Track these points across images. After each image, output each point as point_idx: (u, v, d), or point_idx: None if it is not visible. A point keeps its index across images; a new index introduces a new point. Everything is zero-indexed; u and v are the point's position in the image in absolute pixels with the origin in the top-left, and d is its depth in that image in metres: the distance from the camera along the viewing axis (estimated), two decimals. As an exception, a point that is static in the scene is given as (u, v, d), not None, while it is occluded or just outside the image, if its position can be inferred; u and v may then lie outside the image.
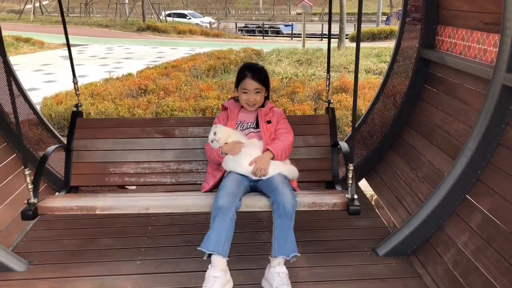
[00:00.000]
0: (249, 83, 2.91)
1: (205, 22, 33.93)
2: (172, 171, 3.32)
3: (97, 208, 2.72)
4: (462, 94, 3.13)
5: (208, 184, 2.97)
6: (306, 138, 3.37)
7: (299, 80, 10.08)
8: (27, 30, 24.59)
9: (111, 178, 3.31)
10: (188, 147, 3.36)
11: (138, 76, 10.98)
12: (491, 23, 2.84)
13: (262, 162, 2.77)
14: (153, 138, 3.38)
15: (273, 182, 2.71)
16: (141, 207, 2.74)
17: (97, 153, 3.34)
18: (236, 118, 2.98)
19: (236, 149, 2.82)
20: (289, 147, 2.93)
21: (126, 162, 3.32)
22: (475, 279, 2.41)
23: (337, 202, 2.71)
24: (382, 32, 23.63)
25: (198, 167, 3.33)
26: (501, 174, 2.51)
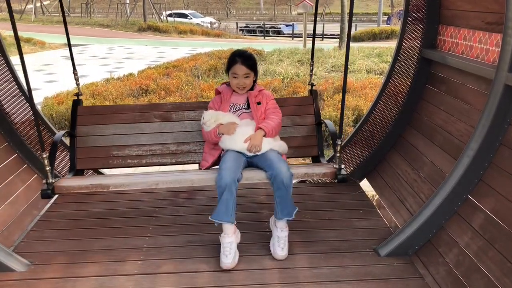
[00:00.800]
0: (239, 68, 3.15)
1: (206, 22, 33.95)
2: (171, 152, 3.55)
3: (110, 185, 2.92)
4: (464, 94, 3.12)
5: (207, 162, 3.25)
6: (293, 118, 3.67)
7: (300, 80, 10.07)
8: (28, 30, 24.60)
9: (114, 160, 3.50)
10: (186, 129, 3.58)
11: (139, 76, 10.98)
12: (493, 22, 2.83)
13: (256, 139, 3.05)
14: (152, 122, 3.58)
15: (268, 157, 3.00)
16: (152, 183, 2.96)
17: (99, 137, 3.52)
18: (229, 101, 3.24)
19: (232, 129, 3.10)
20: (279, 125, 3.21)
21: (127, 145, 3.52)
22: (478, 280, 2.40)
23: (327, 171, 3.05)
24: (383, 32, 23.62)
25: (195, 148, 3.56)
26: (504, 174, 2.50)
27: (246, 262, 2.93)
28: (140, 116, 3.59)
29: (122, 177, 3.05)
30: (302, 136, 3.65)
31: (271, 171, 2.90)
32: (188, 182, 2.98)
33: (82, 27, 29.49)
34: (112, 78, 10.97)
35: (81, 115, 3.56)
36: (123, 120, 3.57)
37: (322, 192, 3.93)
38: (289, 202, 2.91)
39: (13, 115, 3.72)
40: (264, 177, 2.95)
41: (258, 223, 3.43)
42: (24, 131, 3.80)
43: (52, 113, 7.40)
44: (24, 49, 18.91)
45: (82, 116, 3.55)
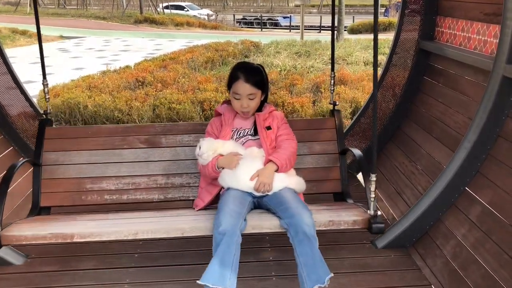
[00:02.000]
0: (241, 87, 2.57)
1: (203, 14, 33.76)
2: (159, 186, 2.96)
3: (75, 235, 2.39)
4: (462, 86, 3.11)
5: (203, 201, 2.65)
6: (311, 144, 3.06)
7: (297, 72, 10.04)
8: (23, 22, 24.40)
9: (88, 196, 2.92)
10: (178, 158, 3.00)
11: (135, 68, 10.91)
12: (491, 13, 2.82)
13: (265, 175, 2.47)
14: (136, 148, 3.01)
15: (283, 199, 2.40)
16: (128, 232, 2.40)
17: (70, 167, 2.94)
18: (231, 124, 2.67)
19: (234, 162, 2.51)
20: (294, 155, 2.63)
21: (105, 177, 2.94)
22: (475, 272, 2.41)
23: (357, 219, 2.45)
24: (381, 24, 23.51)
25: (189, 181, 2.97)
26: (501, 166, 2.50)
27: (243, 255, 2.92)
28: (122, 140, 3.01)
29: (91, 223, 2.52)
30: (322, 168, 3.04)
31: (289, 219, 2.28)
32: (178, 232, 2.42)
33: (78, 19, 29.29)
34: (108, 70, 10.90)
35: (50, 138, 2.98)
36: (101, 146, 2.99)
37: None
38: (318, 261, 2.20)
39: (8, 107, 3.70)
40: (278, 225, 2.36)
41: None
42: (20, 124, 3.78)
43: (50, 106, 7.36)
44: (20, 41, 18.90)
45: (51, 140, 2.97)
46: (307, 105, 7.06)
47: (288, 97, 7.46)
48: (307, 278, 2.19)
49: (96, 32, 24.16)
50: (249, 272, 2.71)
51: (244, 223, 2.32)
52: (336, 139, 3.08)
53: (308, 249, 2.22)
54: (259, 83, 2.61)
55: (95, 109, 7.09)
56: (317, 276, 2.18)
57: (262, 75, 2.65)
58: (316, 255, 2.22)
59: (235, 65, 2.72)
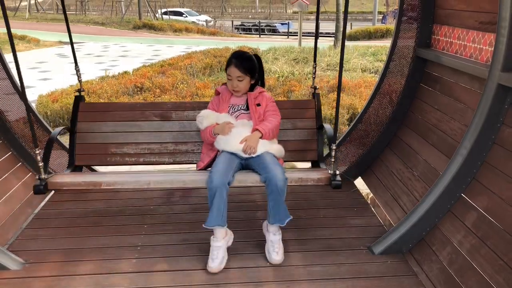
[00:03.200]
0: (232, 70, 3.11)
1: (201, 20, 33.87)
2: (169, 151, 3.58)
3: (102, 183, 2.95)
4: (458, 93, 3.14)
5: (203, 162, 3.22)
6: (294, 121, 3.63)
7: (295, 79, 10.07)
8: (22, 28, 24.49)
9: (112, 158, 3.56)
10: (184, 129, 3.61)
11: (134, 74, 10.94)
12: (486, 22, 2.85)
13: (252, 140, 3.00)
14: (151, 121, 3.62)
15: (264, 160, 2.94)
16: (143, 182, 2.97)
17: (99, 135, 3.57)
18: (228, 101, 3.21)
19: (226, 129, 3.05)
20: (277, 127, 3.15)
21: (126, 143, 3.57)
22: (471, 277, 2.42)
23: (321, 177, 2.99)
24: (378, 31, 23.65)
25: (194, 148, 3.59)
26: (497, 173, 2.53)
27: (240, 260, 2.94)
28: (141, 114, 3.63)
29: (116, 175, 3.11)
30: (302, 140, 3.62)
31: (266, 174, 2.85)
32: (180, 183, 2.98)
33: (77, 24, 29.34)
34: (107, 76, 10.93)
35: (82, 111, 3.61)
36: (123, 118, 3.61)
37: (316, 190, 3.93)
38: (282, 208, 2.86)
39: (7, 113, 3.71)
40: (258, 180, 2.91)
41: (253, 222, 3.44)
42: (19, 129, 3.79)
43: (46, 111, 7.37)
44: (18, 46, 18.91)
45: (83, 113, 3.61)
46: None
47: (286, 103, 7.47)
48: (272, 217, 2.88)
49: (94, 37, 24.21)
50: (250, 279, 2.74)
51: (232, 178, 2.87)
52: (315, 117, 3.65)
53: (278, 197, 2.82)
54: (248, 69, 3.13)
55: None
56: (280, 217, 2.87)
57: (251, 63, 3.17)
58: (282, 203, 2.84)
59: (233, 52, 3.23)
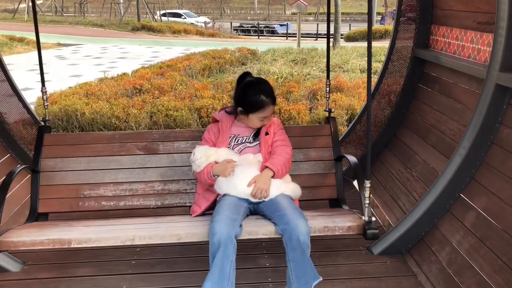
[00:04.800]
0: (269, 110, 2.66)
1: (200, 22, 33.89)
2: (156, 192, 2.99)
3: (72, 241, 2.41)
4: (457, 94, 3.15)
5: (200, 207, 2.69)
6: (306, 151, 3.09)
7: (294, 80, 10.08)
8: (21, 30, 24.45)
9: (86, 202, 2.94)
10: (175, 164, 3.03)
11: (133, 75, 10.93)
12: (484, 22, 2.86)
13: (263, 181, 2.51)
14: (134, 155, 3.04)
15: (279, 205, 2.44)
16: (125, 238, 2.42)
17: (69, 174, 2.97)
18: (229, 131, 2.71)
19: (228, 169, 2.55)
20: (289, 161, 2.67)
21: (103, 183, 2.97)
22: (469, 278, 2.42)
23: (352, 225, 2.47)
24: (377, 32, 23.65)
25: (186, 187, 3.01)
26: (495, 173, 2.53)
27: (239, 261, 2.93)
28: (120, 146, 3.05)
29: (89, 229, 2.54)
30: (317, 174, 3.06)
31: (284, 225, 2.31)
32: (173, 238, 2.44)
33: (76, 26, 29.34)
34: (106, 77, 10.92)
35: (48, 145, 3.02)
36: (99, 152, 3.02)
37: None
38: (308, 267, 2.28)
39: (6, 115, 3.71)
40: (273, 231, 2.39)
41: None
42: (17, 131, 3.79)
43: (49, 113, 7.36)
44: (17, 48, 18.91)
45: (49, 147, 3.01)
46: (304, 112, 7.09)
47: (285, 104, 7.49)
48: (295, 281, 2.27)
49: (93, 39, 24.20)
50: (246, 279, 2.73)
51: (240, 229, 2.34)
52: (332, 146, 3.11)
53: (300, 256, 2.28)
54: (275, 98, 2.70)
55: (92, 116, 7.10)
56: (305, 280, 2.26)
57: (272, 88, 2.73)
58: (307, 261, 2.29)
59: (253, 86, 2.67)
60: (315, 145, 3.13)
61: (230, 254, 2.24)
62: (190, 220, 2.64)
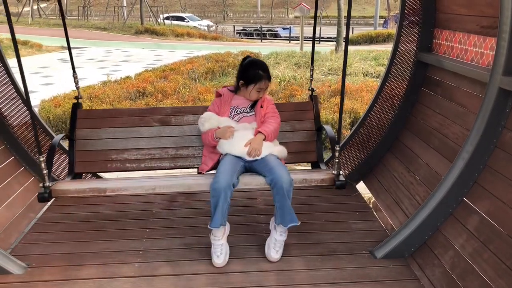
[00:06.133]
0: (265, 84, 3.22)
1: (203, 25, 33.98)
2: (170, 156, 3.57)
3: (107, 189, 2.94)
4: (460, 97, 3.15)
5: (207, 165, 3.25)
6: (292, 123, 3.68)
7: (297, 83, 10.10)
8: (25, 33, 24.59)
9: (113, 164, 3.54)
10: (185, 134, 3.61)
11: (136, 79, 10.98)
12: (487, 26, 2.86)
13: (256, 143, 3.05)
14: (151, 126, 3.62)
15: (268, 162, 2.98)
16: (148, 187, 2.97)
17: (99, 141, 3.55)
18: (229, 103, 3.26)
19: (228, 133, 3.09)
20: (277, 129, 3.24)
21: (126, 149, 3.55)
22: (473, 281, 2.42)
23: (325, 177, 3.04)
24: (380, 35, 23.72)
25: (194, 152, 3.60)
26: (498, 176, 2.53)
27: (243, 264, 2.94)
28: (140, 120, 3.62)
29: (120, 181, 3.08)
30: (301, 142, 3.66)
31: (271, 176, 2.89)
32: (185, 187, 3.00)
33: (79, 30, 29.46)
34: (109, 81, 10.97)
35: (80, 118, 3.59)
36: (122, 124, 3.60)
37: (318, 195, 3.94)
38: (288, 209, 2.88)
39: (10, 118, 3.73)
40: (263, 182, 2.94)
41: (255, 226, 3.44)
42: (21, 133, 3.81)
43: (49, 116, 7.40)
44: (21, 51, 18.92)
45: (81, 120, 3.59)
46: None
47: (288, 107, 7.48)
48: (280, 218, 2.90)
49: (97, 42, 24.31)
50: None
51: (237, 181, 2.91)
52: (313, 119, 3.70)
53: (284, 199, 2.85)
54: (270, 76, 3.29)
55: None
56: (284, 219, 2.89)
57: None
58: (288, 206, 2.86)
59: (253, 64, 3.26)
60: (300, 118, 3.72)
61: (228, 197, 2.82)
62: (199, 175, 3.27)
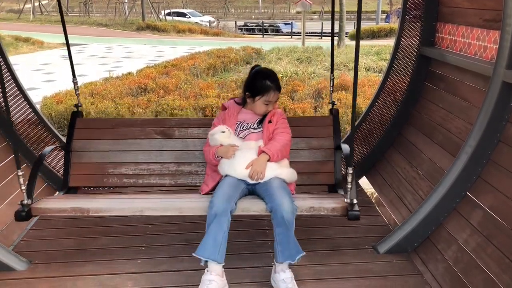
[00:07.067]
0: (274, 96, 2.90)
1: (204, 21, 33.90)
2: (171, 172, 3.29)
3: (90, 210, 2.69)
4: (463, 91, 3.13)
5: (207, 186, 2.94)
6: (308, 140, 3.29)
7: (299, 78, 10.07)
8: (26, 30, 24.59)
9: (110, 179, 3.28)
10: (188, 148, 3.32)
11: (138, 75, 10.97)
12: (491, 19, 2.84)
13: (258, 165, 2.74)
14: (152, 139, 3.35)
15: (270, 186, 2.67)
16: (135, 209, 2.70)
17: (96, 153, 3.31)
18: (235, 118, 2.96)
19: (230, 152, 2.79)
20: (285, 147, 2.87)
21: (125, 163, 3.30)
22: (476, 276, 2.41)
23: (336, 206, 2.64)
24: (382, 30, 23.61)
25: (197, 169, 3.29)
26: (502, 171, 2.51)
27: (245, 260, 2.94)
28: (141, 131, 3.38)
29: (105, 201, 2.86)
30: (318, 161, 3.27)
31: (271, 203, 2.55)
32: (176, 210, 2.70)
33: (81, 26, 29.45)
34: (111, 77, 10.96)
35: (79, 128, 3.38)
36: (122, 136, 3.36)
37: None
38: (291, 242, 2.53)
39: (12, 115, 3.71)
40: (263, 209, 2.62)
41: (258, 221, 3.41)
42: (23, 130, 3.80)
43: (51, 113, 7.40)
44: (23, 48, 19.00)
45: (80, 130, 3.38)
46: (309, 111, 7.09)
47: (290, 103, 7.49)
48: (280, 254, 2.54)
49: (98, 39, 24.28)
50: (253, 278, 2.74)
51: (235, 206, 2.58)
52: (333, 136, 3.30)
53: (284, 231, 2.51)
54: (280, 87, 2.97)
55: (97, 115, 7.12)
56: (289, 253, 2.52)
57: None
58: (291, 237, 2.53)
59: (260, 74, 2.94)
60: (317, 134, 3.33)
61: (223, 225, 2.48)
62: (197, 197, 2.87)
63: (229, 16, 44.85)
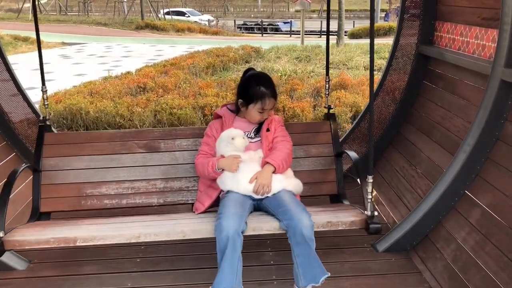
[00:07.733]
0: (269, 103, 2.64)
1: (203, 20, 33.89)
2: (159, 190, 2.96)
3: (78, 239, 2.41)
4: (461, 90, 3.13)
5: (203, 205, 2.69)
6: (307, 148, 3.09)
7: (298, 77, 10.06)
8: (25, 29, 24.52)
9: (88, 201, 2.91)
10: (176, 162, 3.00)
11: (137, 74, 10.95)
12: (489, 18, 2.84)
13: (264, 177, 2.52)
14: (135, 153, 3.02)
15: (282, 201, 2.45)
16: (131, 236, 2.44)
17: (70, 172, 2.93)
18: (231, 126, 2.71)
19: (235, 165, 2.53)
20: (289, 156, 2.68)
21: (104, 182, 2.94)
22: (475, 274, 2.42)
23: (355, 220, 2.49)
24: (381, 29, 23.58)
25: (188, 185, 2.98)
26: (500, 169, 2.52)
27: (244, 259, 2.93)
28: (121, 145, 3.02)
29: (93, 227, 2.53)
30: (318, 170, 3.06)
31: (288, 220, 2.32)
32: (179, 235, 2.45)
33: (80, 25, 29.41)
34: (110, 76, 10.95)
35: (49, 144, 2.97)
36: (100, 151, 2.99)
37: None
38: (314, 262, 2.30)
39: (11, 114, 3.72)
40: (277, 227, 2.40)
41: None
42: (22, 129, 3.81)
43: (50, 112, 7.39)
44: (22, 48, 18.95)
45: (49, 146, 2.97)
46: (308, 110, 7.08)
47: (289, 101, 7.48)
48: (302, 277, 2.30)
49: (97, 38, 24.25)
50: (251, 276, 2.72)
51: (245, 226, 2.36)
52: (332, 142, 3.12)
53: (305, 251, 2.29)
54: (276, 93, 2.70)
55: (96, 114, 7.11)
56: (313, 275, 2.28)
57: (273, 82, 2.73)
58: (313, 256, 2.31)
59: (254, 79, 2.68)
60: (315, 141, 3.13)
61: (238, 249, 2.26)
62: (195, 217, 2.65)
63: (228, 15, 44.81)
